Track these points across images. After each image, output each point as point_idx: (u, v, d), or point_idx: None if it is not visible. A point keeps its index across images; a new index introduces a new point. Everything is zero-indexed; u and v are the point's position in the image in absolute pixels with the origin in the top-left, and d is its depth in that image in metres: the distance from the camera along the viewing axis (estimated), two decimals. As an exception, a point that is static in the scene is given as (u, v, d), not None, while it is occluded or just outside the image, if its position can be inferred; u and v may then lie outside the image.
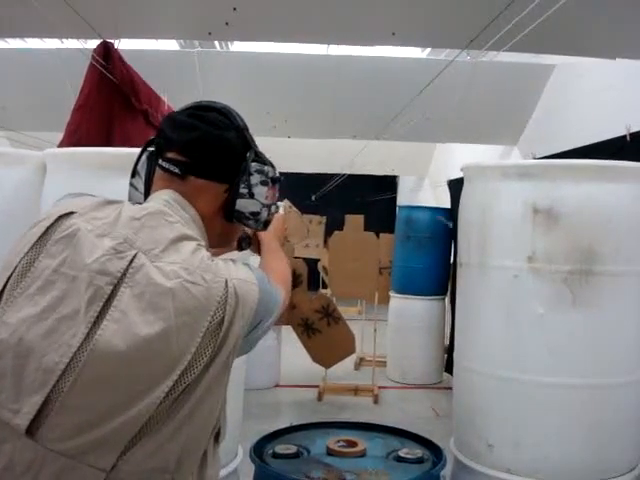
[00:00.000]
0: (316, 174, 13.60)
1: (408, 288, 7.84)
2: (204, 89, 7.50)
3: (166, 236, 1.46)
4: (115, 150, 3.06)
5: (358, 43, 6.70)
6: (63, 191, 1.67)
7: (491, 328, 3.57)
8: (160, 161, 1.59)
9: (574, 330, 3.35)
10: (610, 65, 6.03)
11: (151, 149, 1.66)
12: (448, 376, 6.84)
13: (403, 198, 16.62)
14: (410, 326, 7.75)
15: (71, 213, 1.48)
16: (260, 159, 1.66)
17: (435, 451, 3.07)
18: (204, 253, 1.48)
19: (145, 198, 1.63)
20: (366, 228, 7.51)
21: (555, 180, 3.40)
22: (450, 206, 7.57)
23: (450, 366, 4.44)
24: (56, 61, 7.13)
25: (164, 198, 1.55)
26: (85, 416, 1.33)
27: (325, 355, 6.85)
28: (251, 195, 1.62)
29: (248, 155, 1.63)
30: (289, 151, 11.02)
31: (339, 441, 3.09)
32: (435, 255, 7.67)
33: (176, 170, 1.57)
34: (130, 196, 1.68)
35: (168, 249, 1.44)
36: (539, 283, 3.39)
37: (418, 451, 3.03)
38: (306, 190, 14.59)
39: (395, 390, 7.56)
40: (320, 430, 3.33)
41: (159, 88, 5.08)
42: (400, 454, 3.00)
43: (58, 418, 1.32)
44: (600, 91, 6.69)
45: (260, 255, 1.91)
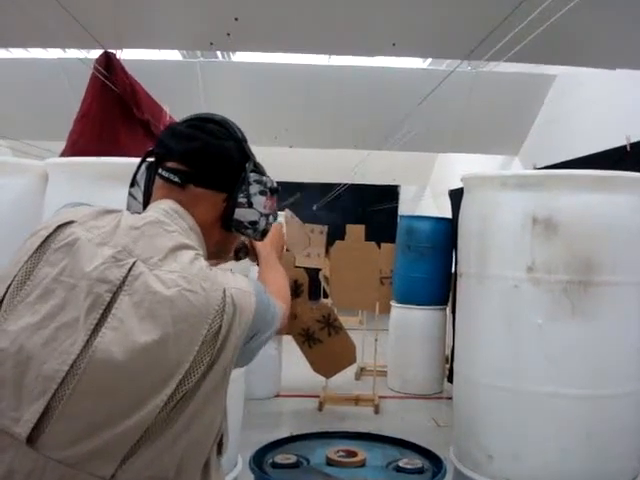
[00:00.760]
0: (317, 184, 13.61)
1: (409, 298, 7.82)
2: (206, 99, 7.52)
3: (165, 245, 1.47)
4: (117, 160, 3.07)
5: (359, 54, 6.73)
6: (65, 200, 1.68)
7: (491, 338, 3.57)
8: (160, 170, 1.61)
9: (573, 340, 3.35)
10: (610, 75, 6.05)
11: (150, 159, 1.67)
12: (449, 386, 6.82)
13: (404, 208, 16.62)
14: (411, 336, 7.74)
15: (70, 222, 1.49)
16: (258, 170, 1.68)
17: (435, 461, 3.06)
18: (202, 262, 1.49)
19: (144, 207, 1.64)
20: (367, 238, 7.50)
21: (554, 190, 3.41)
22: (451, 216, 7.56)
23: (451, 376, 4.44)
24: (58, 71, 7.16)
25: (163, 207, 1.56)
26: (85, 424, 1.33)
27: (326, 365, 6.84)
28: (250, 204, 1.64)
29: (247, 165, 1.64)
30: (291, 161, 11.06)
31: (339, 451, 3.08)
32: (436, 265, 7.66)
33: (176, 179, 1.58)
34: (129, 205, 1.69)
35: (167, 258, 1.44)
36: (538, 293, 3.39)
37: (418, 461, 3.03)
38: (308, 200, 14.61)
39: (396, 400, 7.54)
40: (320, 440, 3.33)
41: (161, 98, 5.10)
42: (400, 464, 3.00)
43: (58, 426, 1.32)
44: (600, 101, 6.71)
45: (258, 265, 1.92)
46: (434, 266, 7.66)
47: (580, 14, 3.72)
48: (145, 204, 1.65)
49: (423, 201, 14.68)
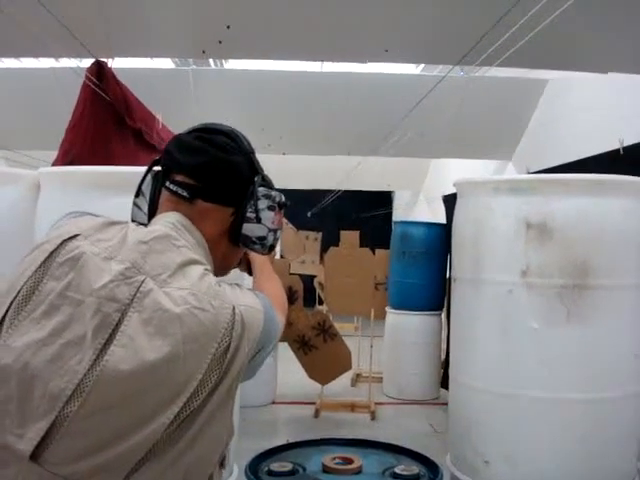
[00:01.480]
0: (311, 190, 13.60)
1: (404, 304, 7.82)
2: (199, 107, 7.51)
3: (174, 260, 1.45)
4: (109, 169, 3.07)
5: (351, 60, 6.73)
6: (57, 210, 1.66)
7: (486, 343, 3.57)
8: (167, 183, 1.58)
9: (568, 344, 3.35)
10: (602, 79, 6.06)
11: (157, 169, 1.65)
12: (445, 392, 6.82)
13: (398, 213, 16.64)
14: (406, 342, 7.73)
15: (75, 236, 1.46)
16: (267, 184, 1.66)
17: (431, 467, 3.05)
18: (211, 278, 1.47)
19: (149, 219, 1.62)
20: (361, 244, 7.50)
21: (547, 195, 3.41)
22: (445, 221, 7.57)
23: (446, 382, 4.43)
24: (51, 80, 7.14)
25: (170, 221, 1.54)
26: (90, 441, 1.31)
27: (322, 372, 6.84)
28: (258, 220, 1.62)
29: (256, 179, 1.63)
30: (284, 168, 11.04)
31: (335, 458, 3.07)
32: (431, 270, 7.66)
33: (184, 193, 1.56)
34: (133, 216, 1.67)
35: (176, 274, 1.42)
36: (533, 298, 3.39)
37: (414, 467, 3.01)
38: (302, 207, 14.60)
39: (392, 406, 7.53)
40: (316, 447, 3.31)
41: (154, 106, 5.09)
42: (396, 471, 2.98)
43: (63, 443, 1.31)
44: (593, 105, 6.73)
45: (251, 275, 1.90)
46: (429, 271, 7.66)
47: (571, 18, 3.72)
48: (150, 215, 1.63)
49: (417, 207, 14.69)
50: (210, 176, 1.57)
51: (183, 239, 1.51)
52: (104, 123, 4.11)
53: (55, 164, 3.97)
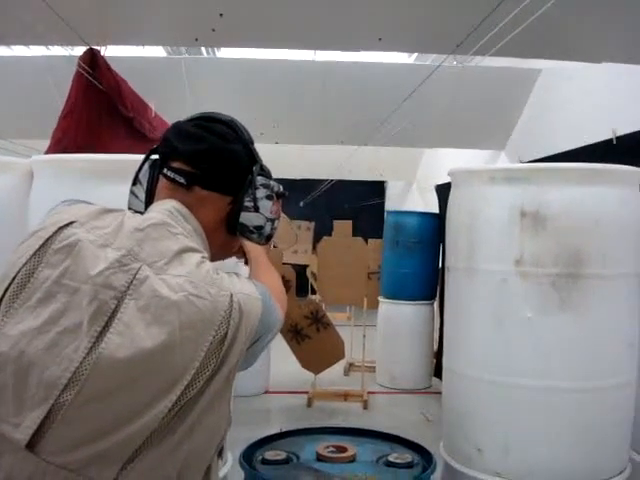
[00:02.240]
0: (304, 180, 13.59)
1: (397, 293, 7.83)
2: (192, 96, 7.49)
3: (170, 248, 1.44)
4: (102, 157, 3.05)
5: (344, 49, 6.73)
6: (50, 198, 1.65)
7: (479, 332, 3.56)
8: (165, 170, 1.58)
9: (562, 333, 3.35)
10: (596, 69, 6.07)
11: (154, 157, 1.64)
12: (437, 381, 6.84)
13: (391, 203, 16.65)
14: (399, 331, 7.74)
15: (70, 223, 1.45)
16: (265, 173, 1.66)
17: (425, 456, 3.07)
18: (209, 266, 1.46)
19: (146, 206, 1.61)
20: (354, 233, 7.51)
21: (542, 184, 3.41)
22: (438, 211, 7.57)
23: (439, 371, 4.44)
24: (43, 69, 7.11)
25: (167, 208, 1.53)
26: (87, 429, 1.31)
27: (314, 361, 6.85)
28: (256, 209, 1.62)
29: (254, 169, 1.62)
30: (277, 157, 10.99)
31: (328, 447, 3.08)
32: (424, 260, 7.67)
33: (182, 180, 1.55)
34: (130, 204, 1.66)
35: (172, 261, 1.42)
36: (527, 287, 3.39)
37: (408, 456, 3.03)
38: (294, 196, 14.59)
39: (385, 395, 7.55)
40: (309, 436, 3.32)
41: (147, 95, 5.07)
42: (390, 459, 3.00)
43: (59, 431, 1.30)
44: (586, 95, 6.73)
45: (246, 264, 1.88)
46: (422, 261, 7.67)
47: (565, 8, 3.72)
48: (147, 203, 1.62)
49: (410, 196, 14.71)
50: (208, 163, 1.57)
51: (180, 226, 1.50)
52: (97, 111, 4.10)
53: (48, 152, 3.95)
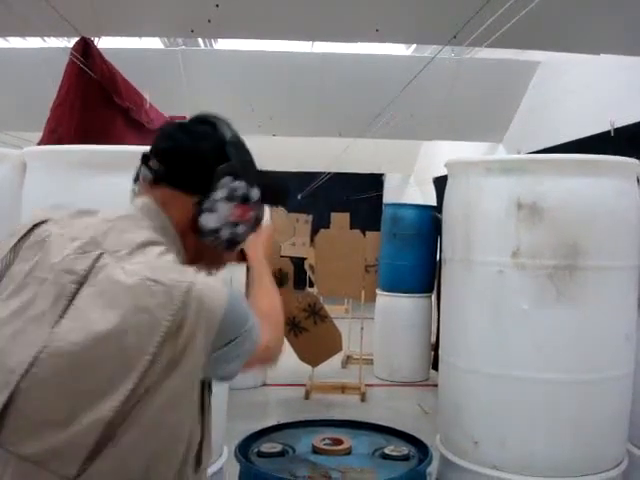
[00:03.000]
0: (302, 173, 13.57)
1: (395, 286, 7.84)
2: (188, 88, 7.47)
3: (133, 240, 1.43)
4: (95, 148, 3.02)
5: (342, 40, 6.71)
6: (43, 189, 1.66)
7: (476, 324, 3.55)
8: (141, 167, 1.59)
9: (559, 325, 3.34)
10: (594, 61, 6.05)
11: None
12: (435, 373, 6.82)
13: (389, 196, 16.64)
14: (397, 324, 7.75)
15: (45, 221, 1.49)
16: (238, 173, 1.57)
17: (421, 448, 3.06)
18: (171, 256, 1.44)
19: None
20: (352, 226, 7.50)
21: (538, 175, 3.39)
22: (436, 203, 7.57)
23: (437, 363, 4.43)
24: (38, 60, 7.09)
25: (137, 203, 1.55)
26: (43, 417, 1.30)
27: (312, 354, 6.85)
28: (211, 210, 1.55)
29: (219, 168, 1.55)
30: (274, 149, 11.00)
31: (325, 439, 3.08)
32: (421, 252, 7.67)
33: (149, 176, 1.57)
34: (131, 201, 1.64)
35: (134, 252, 1.40)
36: (524, 278, 3.37)
37: (404, 448, 3.03)
38: (292, 189, 14.54)
39: (382, 388, 7.56)
40: (306, 428, 3.32)
41: (144, 87, 5.04)
42: (386, 451, 3.00)
43: (18, 420, 1.30)
44: (584, 87, 6.71)
45: (238, 263, 1.84)
46: (419, 253, 7.67)
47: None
48: None
49: (408, 189, 14.70)
50: (173, 161, 1.56)
51: (149, 221, 1.50)
52: (91, 101, 4.05)
53: (41, 143, 3.92)
